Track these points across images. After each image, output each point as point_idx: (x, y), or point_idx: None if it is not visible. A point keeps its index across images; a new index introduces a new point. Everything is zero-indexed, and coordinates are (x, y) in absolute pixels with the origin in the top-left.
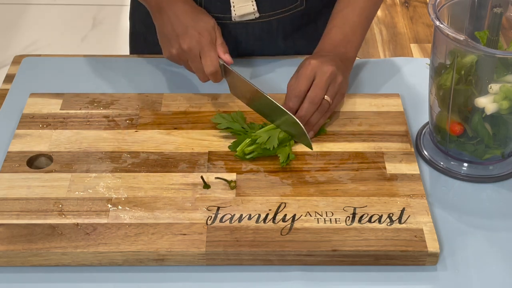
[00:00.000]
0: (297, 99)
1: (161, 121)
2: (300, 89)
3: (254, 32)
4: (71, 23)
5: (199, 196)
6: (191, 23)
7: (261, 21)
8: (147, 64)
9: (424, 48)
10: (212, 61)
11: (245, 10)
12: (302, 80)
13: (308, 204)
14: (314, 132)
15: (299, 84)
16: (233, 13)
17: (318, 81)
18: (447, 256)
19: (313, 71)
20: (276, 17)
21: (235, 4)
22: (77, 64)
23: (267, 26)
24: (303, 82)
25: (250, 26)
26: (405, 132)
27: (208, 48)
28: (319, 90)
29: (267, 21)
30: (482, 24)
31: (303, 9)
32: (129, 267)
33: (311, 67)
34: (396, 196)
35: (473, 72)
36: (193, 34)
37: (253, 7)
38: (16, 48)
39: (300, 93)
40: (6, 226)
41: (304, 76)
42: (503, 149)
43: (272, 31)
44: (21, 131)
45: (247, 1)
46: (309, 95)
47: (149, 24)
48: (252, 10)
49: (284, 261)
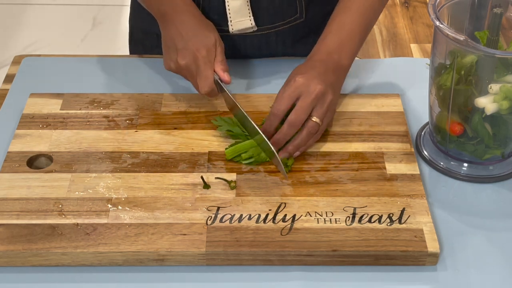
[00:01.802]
0: (275, 119)
1: (161, 121)
2: (280, 108)
3: (253, 44)
4: (71, 23)
5: (199, 196)
6: (192, 38)
7: (259, 33)
8: (147, 64)
9: (424, 48)
10: (206, 81)
11: (243, 25)
12: (283, 100)
13: (308, 204)
14: (300, 152)
15: (280, 103)
16: (230, 27)
17: (302, 103)
18: (447, 256)
19: (297, 90)
20: (275, 30)
21: (232, 19)
22: (77, 64)
23: (265, 38)
24: (284, 102)
25: (249, 38)
26: (405, 132)
27: (204, 67)
28: (301, 113)
29: (266, 33)
30: (482, 24)
31: (303, 21)
32: (129, 267)
33: (296, 86)
34: (396, 196)
35: (473, 72)
36: (191, 50)
37: (251, 22)
38: (16, 48)
39: (279, 112)
40: (6, 226)
41: (286, 95)
42: (503, 149)
43: (271, 43)
44: (21, 131)
45: (244, 16)
46: (289, 117)
47: (147, 31)
48: (250, 25)
49: (284, 261)
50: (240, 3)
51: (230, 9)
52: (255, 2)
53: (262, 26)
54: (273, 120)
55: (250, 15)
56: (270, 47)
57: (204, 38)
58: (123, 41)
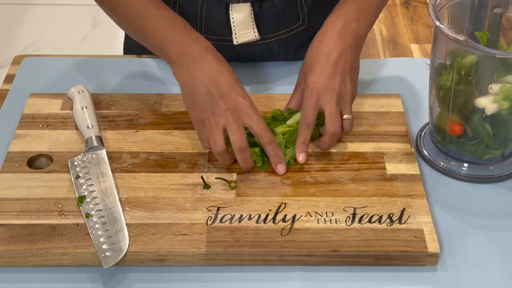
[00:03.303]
0: (309, 130)
1: (161, 121)
2: (310, 120)
3: (256, 52)
4: (71, 23)
5: (199, 196)
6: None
7: (262, 42)
8: (147, 65)
9: (424, 48)
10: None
11: (247, 37)
12: (310, 111)
13: (308, 205)
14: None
15: (309, 115)
16: (235, 40)
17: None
18: (447, 256)
19: (318, 99)
20: (278, 38)
21: (236, 31)
22: (77, 64)
23: (268, 46)
24: (312, 113)
25: (252, 47)
26: (405, 132)
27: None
28: (335, 121)
29: (269, 42)
30: (482, 25)
31: (305, 28)
32: (129, 267)
33: (315, 96)
34: (396, 197)
35: (473, 72)
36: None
37: (255, 34)
38: (16, 48)
39: (311, 123)
40: (6, 226)
41: (312, 107)
42: (503, 149)
43: (274, 50)
44: (21, 131)
45: (248, 29)
46: (329, 130)
47: None
48: (254, 37)
49: (284, 261)
50: (244, 16)
51: (234, 22)
52: (259, 13)
53: (265, 35)
54: (307, 131)
55: (254, 27)
56: (273, 54)
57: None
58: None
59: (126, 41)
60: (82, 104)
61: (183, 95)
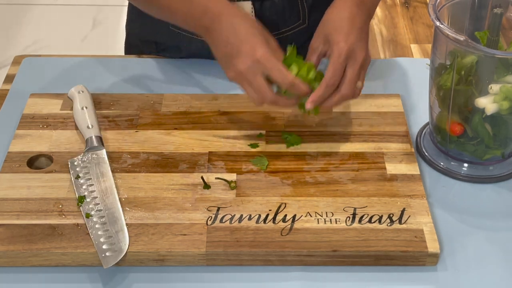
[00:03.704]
0: (330, 90)
1: (161, 121)
2: (335, 80)
3: None
4: (71, 23)
5: (199, 197)
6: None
7: None
8: (147, 65)
9: (424, 48)
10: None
11: None
12: (337, 71)
13: (308, 205)
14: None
15: (334, 75)
16: None
17: (351, 74)
18: (447, 256)
19: (346, 59)
20: (278, 37)
21: None
22: (77, 64)
23: None
24: (338, 73)
25: None
26: (405, 132)
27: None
28: (351, 84)
29: None
30: (482, 25)
31: (305, 27)
32: (129, 267)
33: (345, 55)
34: (396, 197)
35: (473, 72)
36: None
37: None
38: (16, 48)
39: (335, 84)
40: (6, 227)
41: (338, 66)
42: (503, 149)
43: None
44: (21, 131)
45: None
46: (343, 91)
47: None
48: None
49: (284, 262)
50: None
51: None
52: (259, 12)
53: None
54: (327, 91)
55: None
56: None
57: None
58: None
59: (127, 41)
60: (82, 104)
61: (220, 61)
